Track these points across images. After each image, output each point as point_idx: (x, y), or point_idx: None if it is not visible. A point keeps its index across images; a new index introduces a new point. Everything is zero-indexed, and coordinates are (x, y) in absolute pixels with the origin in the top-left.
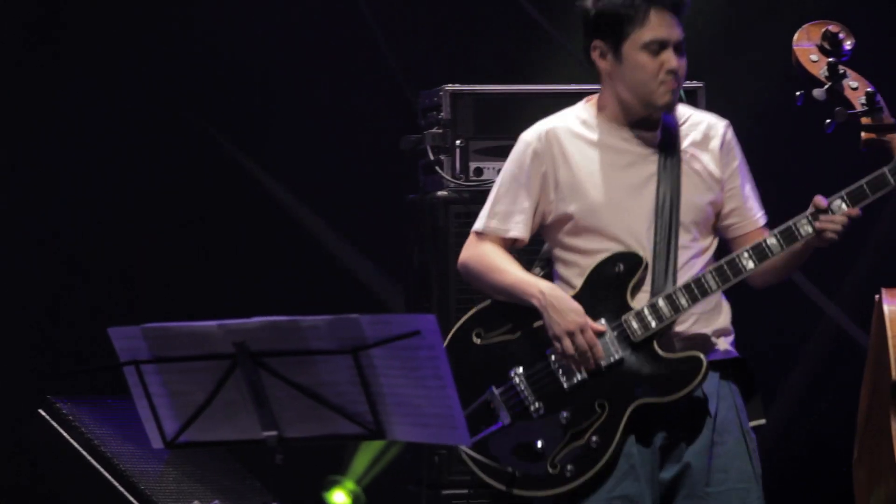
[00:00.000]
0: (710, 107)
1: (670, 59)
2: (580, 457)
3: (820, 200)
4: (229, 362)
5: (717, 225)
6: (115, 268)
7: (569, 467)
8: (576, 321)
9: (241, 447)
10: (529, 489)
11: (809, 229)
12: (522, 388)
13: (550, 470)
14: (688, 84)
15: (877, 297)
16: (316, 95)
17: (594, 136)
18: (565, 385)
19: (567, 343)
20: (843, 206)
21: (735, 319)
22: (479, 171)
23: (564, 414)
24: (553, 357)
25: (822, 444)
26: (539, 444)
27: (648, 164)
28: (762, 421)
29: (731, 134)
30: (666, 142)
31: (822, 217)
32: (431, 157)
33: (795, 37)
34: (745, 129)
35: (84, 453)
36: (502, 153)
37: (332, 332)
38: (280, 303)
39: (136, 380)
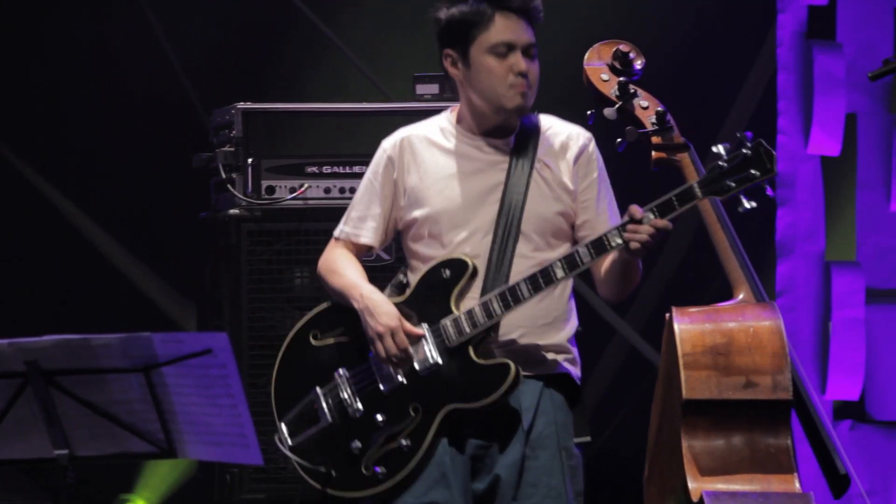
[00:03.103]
0: None
1: (518, 61)
2: (391, 459)
3: (634, 210)
4: (20, 380)
5: (574, 236)
6: None
7: (379, 469)
8: (387, 324)
9: (33, 466)
10: (343, 490)
11: (619, 240)
12: (344, 389)
13: (364, 471)
14: None
15: (667, 315)
16: (108, 113)
17: (448, 143)
18: (383, 388)
19: (379, 345)
20: (652, 217)
21: None
22: (270, 190)
23: (380, 417)
24: (373, 360)
25: (614, 462)
26: (355, 445)
27: (497, 172)
28: (587, 438)
29: (592, 147)
30: (519, 150)
31: (629, 227)
32: (223, 175)
33: (586, 56)
34: None
35: None
36: (294, 171)
37: (123, 351)
38: (72, 321)
39: None
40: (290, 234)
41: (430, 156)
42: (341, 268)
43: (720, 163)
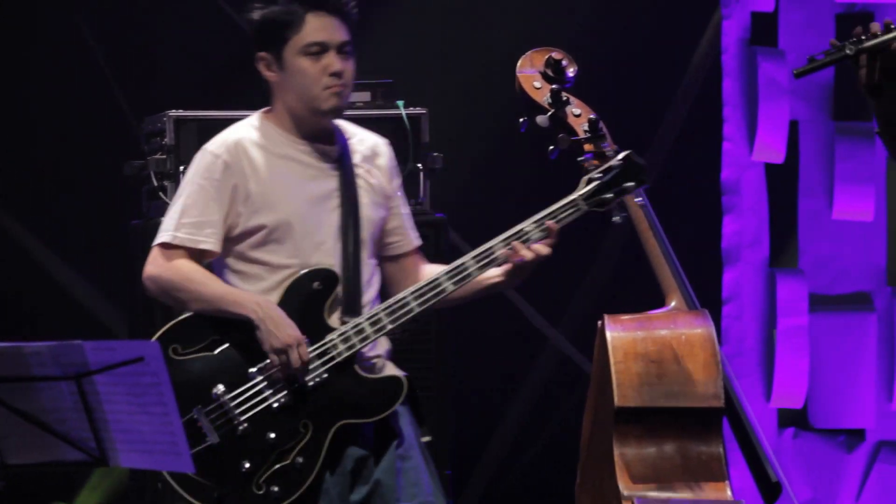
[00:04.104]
0: (436, 133)
1: (333, 62)
2: (286, 477)
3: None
4: None
5: (381, 241)
6: None
7: (275, 488)
8: (294, 335)
9: None
10: None
11: (504, 251)
12: (228, 406)
13: (256, 490)
14: (411, 111)
15: (599, 323)
16: (39, 121)
17: (276, 148)
18: (272, 404)
19: (284, 357)
20: (536, 230)
21: (459, 346)
22: None
23: (271, 434)
24: (260, 376)
25: (546, 470)
26: (246, 464)
27: (329, 178)
28: (429, 438)
29: (392, 153)
30: (343, 156)
31: (513, 243)
32: (155, 183)
33: (519, 63)
34: (472, 155)
35: None
36: None
37: (55, 359)
38: (2, 329)
39: None
40: None
41: (265, 161)
42: (203, 276)
43: (595, 175)
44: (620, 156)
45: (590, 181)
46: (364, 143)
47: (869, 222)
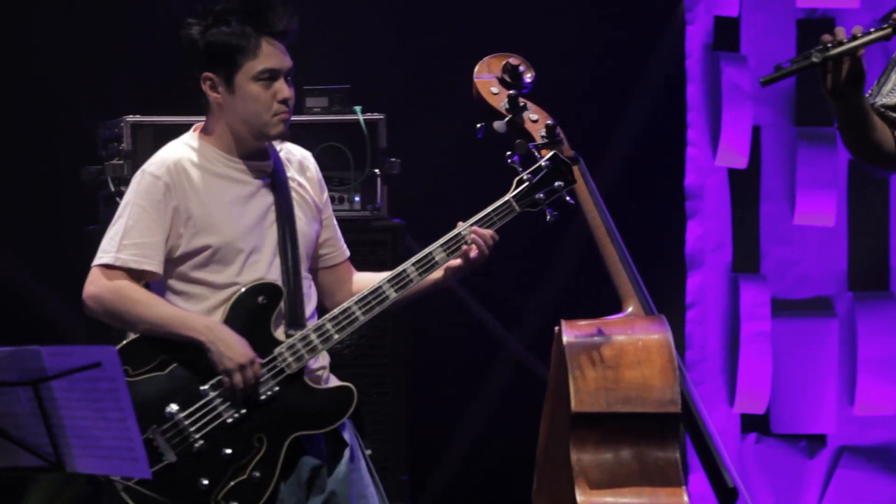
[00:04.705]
0: (394, 139)
1: (283, 88)
2: (245, 492)
3: (460, 226)
4: None
5: (314, 254)
6: None
7: None
8: (246, 354)
9: None
10: None
11: (443, 255)
12: (182, 425)
13: None
14: (368, 116)
15: (556, 329)
16: None
17: (213, 167)
18: (226, 421)
19: (238, 377)
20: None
21: (416, 352)
22: None
23: (226, 450)
24: (212, 393)
25: (503, 476)
26: (203, 481)
27: (265, 195)
28: (369, 451)
29: (316, 164)
30: (276, 172)
31: (474, 230)
32: (112, 189)
33: (476, 69)
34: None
35: None
36: None
37: (11, 364)
38: None
39: None
40: None
41: (205, 181)
42: (147, 298)
43: (524, 177)
44: (548, 156)
45: (520, 182)
46: (293, 155)
47: (830, 227)
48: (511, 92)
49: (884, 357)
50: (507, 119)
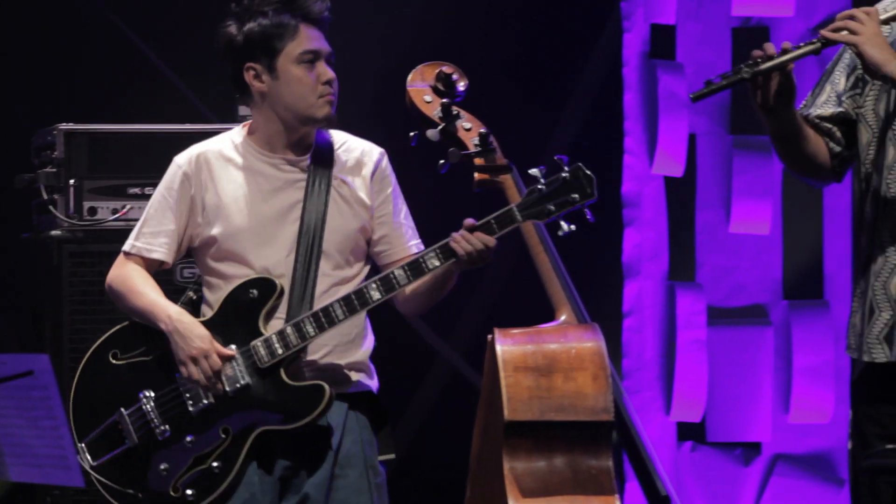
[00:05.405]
0: None
1: (325, 70)
2: (201, 481)
3: (467, 224)
4: None
5: (369, 252)
6: None
7: (189, 492)
8: (200, 347)
9: None
10: None
11: (436, 262)
12: (150, 410)
13: (172, 493)
14: None
15: (489, 337)
16: None
17: (243, 161)
18: (191, 409)
19: (192, 368)
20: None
21: None
22: (93, 211)
23: (189, 438)
24: (180, 381)
25: (436, 483)
26: (164, 467)
27: (295, 190)
28: (391, 455)
29: (385, 162)
30: (317, 167)
31: (462, 234)
32: (45, 197)
33: (409, 77)
34: None
35: None
36: (116, 192)
37: None
38: None
39: None
40: (112, 256)
41: (226, 173)
42: (139, 286)
43: (539, 186)
44: (572, 167)
45: (532, 192)
46: (350, 152)
47: (765, 236)
48: (444, 100)
49: (818, 365)
50: (440, 127)
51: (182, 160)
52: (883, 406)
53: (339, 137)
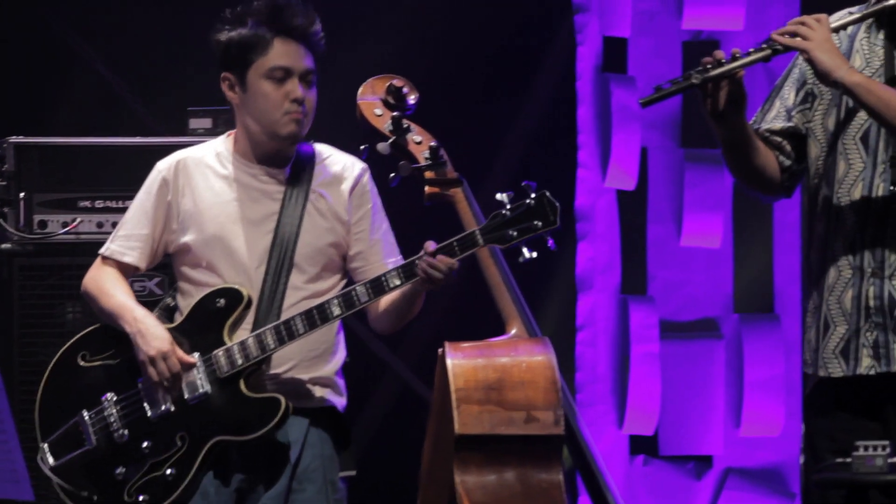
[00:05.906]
0: None
1: (294, 88)
2: (155, 488)
3: (427, 246)
4: None
5: (345, 267)
6: None
7: (142, 497)
8: (158, 348)
9: None
10: None
11: (397, 282)
12: (111, 413)
13: (126, 498)
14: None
15: (440, 350)
16: None
17: (224, 170)
18: (150, 414)
19: (151, 370)
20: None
21: None
22: (43, 224)
23: (146, 443)
24: (142, 385)
25: (386, 498)
26: (120, 471)
27: (272, 201)
28: (352, 472)
29: (367, 178)
30: (295, 179)
31: (425, 258)
32: None
33: (360, 91)
34: None
35: None
36: (66, 205)
37: None
38: None
39: None
40: (62, 269)
41: (204, 181)
42: (110, 288)
43: (503, 211)
44: (536, 194)
45: (495, 216)
46: (332, 166)
47: (716, 249)
48: (395, 114)
49: (769, 378)
50: (390, 141)
51: (163, 165)
52: (835, 420)
53: (323, 151)
